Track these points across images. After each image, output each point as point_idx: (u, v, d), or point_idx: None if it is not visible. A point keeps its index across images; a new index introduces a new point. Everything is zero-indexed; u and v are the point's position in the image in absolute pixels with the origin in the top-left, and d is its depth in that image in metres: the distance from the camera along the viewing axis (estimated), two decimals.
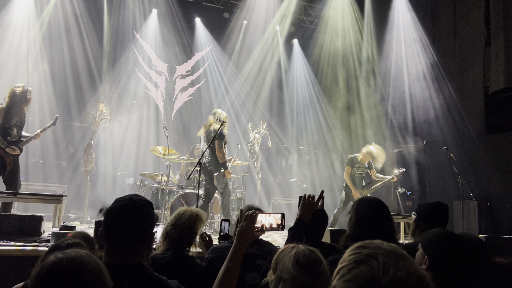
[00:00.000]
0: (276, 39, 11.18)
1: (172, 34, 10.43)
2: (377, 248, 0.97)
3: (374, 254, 0.94)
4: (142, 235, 1.62)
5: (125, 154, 9.25)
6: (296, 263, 1.40)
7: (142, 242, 1.62)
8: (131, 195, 1.71)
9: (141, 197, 1.75)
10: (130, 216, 1.63)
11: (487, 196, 6.90)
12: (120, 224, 1.62)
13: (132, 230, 1.60)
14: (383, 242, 1.01)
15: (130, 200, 1.67)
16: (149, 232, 1.69)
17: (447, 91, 8.05)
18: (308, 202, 2.27)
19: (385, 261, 0.91)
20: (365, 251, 0.97)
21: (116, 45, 9.99)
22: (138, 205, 1.67)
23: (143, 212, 1.67)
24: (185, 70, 10.96)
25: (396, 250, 0.97)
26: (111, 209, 1.67)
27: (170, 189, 6.79)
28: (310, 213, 2.25)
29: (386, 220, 2.13)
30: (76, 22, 9.37)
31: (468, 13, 7.95)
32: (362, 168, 6.75)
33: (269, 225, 1.89)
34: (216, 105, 10.77)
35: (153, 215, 1.73)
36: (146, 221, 1.67)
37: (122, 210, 1.65)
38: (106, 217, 1.67)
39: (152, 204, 1.75)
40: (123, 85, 9.88)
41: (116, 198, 1.73)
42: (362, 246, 0.99)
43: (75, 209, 8.01)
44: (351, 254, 0.98)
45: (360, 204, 2.25)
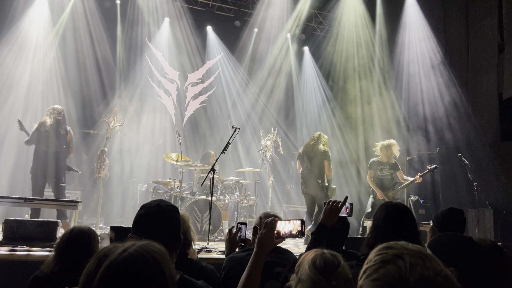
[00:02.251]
0: (287, 47, 11.24)
1: (184, 42, 10.55)
2: (403, 249, 0.98)
3: (400, 254, 0.95)
4: (170, 239, 1.65)
5: (138, 161, 9.33)
6: (313, 265, 1.43)
7: (171, 247, 1.65)
8: (158, 201, 1.76)
9: (167, 202, 1.80)
10: (159, 221, 1.67)
11: (503, 204, 6.80)
12: (148, 230, 1.65)
13: (161, 235, 1.60)
14: (408, 243, 1.02)
15: (158, 206, 1.71)
16: (177, 236, 1.73)
17: (461, 98, 7.99)
18: (331, 207, 2.27)
19: (412, 261, 0.92)
20: (391, 251, 0.98)
21: (129, 54, 10.14)
22: (166, 211, 1.71)
23: (171, 217, 1.71)
24: (197, 78, 11.06)
25: (421, 251, 0.98)
26: (140, 215, 1.72)
27: (183, 195, 6.83)
28: (333, 219, 2.24)
29: (406, 225, 2.12)
30: (91, 31, 9.53)
31: (481, 19, 7.92)
32: (386, 169, 6.67)
33: (289, 232, 1.89)
34: (227, 112, 10.83)
35: (179, 219, 1.78)
36: (174, 225, 1.71)
37: (150, 216, 1.69)
38: (136, 223, 1.71)
39: (177, 209, 1.80)
40: (136, 93, 10.00)
41: (142, 204, 1.77)
42: (387, 247, 1.00)
43: (88, 215, 8.08)
44: (377, 255, 0.99)
45: (378, 210, 2.25)
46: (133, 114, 9.65)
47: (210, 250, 4.79)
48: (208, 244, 5.33)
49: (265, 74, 11.06)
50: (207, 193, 6.63)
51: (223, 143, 6.54)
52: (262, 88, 11.11)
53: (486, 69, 7.66)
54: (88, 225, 7.33)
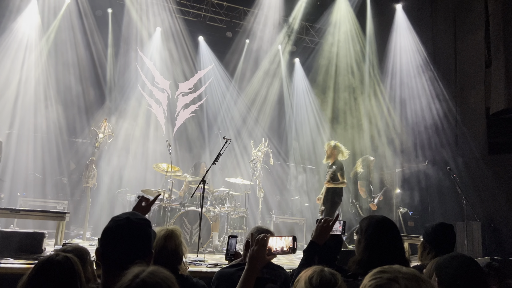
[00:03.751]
0: (278, 58, 11.31)
1: (175, 52, 10.55)
2: (397, 272, 0.98)
3: (395, 278, 0.95)
4: (139, 255, 1.57)
5: (127, 171, 9.23)
6: (309, 282, 1.42)
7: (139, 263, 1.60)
8: (128, 214, 1.69)
9: (139, 215, 1.73)
10: (127, 236, 1.60)
11: (491, 217, 6.88)
12: (116, 245, 1.59)
13: (129, 250, 1.57)
14: (402, 266, 1.03)
15: (127, 219, 1.64)
16: (147, 251, 1.66)
17: (449, 112, 8.11)
18: (323, 225, 2.26)
19: (407, 284, 0.92)
20: (385, 275, 0.98)
21: (120, 63, 10.09)
22: (135, 224, 1.64)
23: (141, 232, 1.65)
24: (188, 88, 11.04)
25: (416, 274, 1.00)
26: (108, 228, 1.64)
27: (172, 206, 6.76)
28: (325, 236, 2.23)
29: (391, 239, 2.12)
30: (81, 38, 9.48)
31: (469, 35, 8.08)
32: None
33: (281, 249, 1.88)
34: (218, 122, 10.81)
35: (150, 233, 1.71)
36: (143, 240, 1.65)
37: (118, 230, 1.62)
38: (103, 237, 1.64)
39: (149, 222, 1.73)
40: (126, 102, 9.93)
41: (112, 216, 1.70)
42: (382, 271, 1.00)
43: (75, 225, 7.95)
44: (371, 279, 1.00)
45: (369, 226, 2.21)
46: (122, 123, 9.57)
47: (199, 263, 4.73)
48: (197, 256, 5.27)
49: (256, 85, 11.10)
50: (197, 204, 6.57)
51: (213, 153, 6.51)
52: (253, 98, 11.13)
53: (473, 84, 7.80)
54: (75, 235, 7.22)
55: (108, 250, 1.59)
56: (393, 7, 9.65)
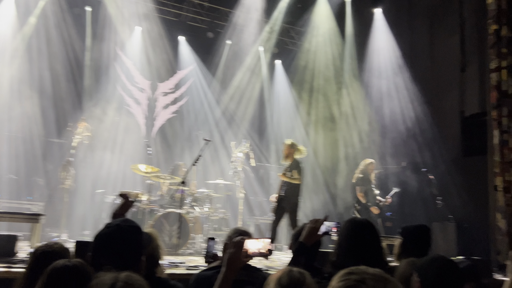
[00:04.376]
0: (259, 60, 11.33)
1: (156, 52, 10.44)
2: (364, 273, 1.01)
3: (362, 279, 0.98)
4: (129, 262, 1.59)
5: (105, 172, 9.08)
6: (279, 283, 1.43)
7: (130, 269, 1.61)
8: (119, 221, 1.72)
9: (130, 222, 1.76)
10: (117, 243, 1.63)
11: (465, 217, 7.06)
12: (107, 251, 1.61)
13: (118, 258, 1.59)
14: (368, 267, 1.06)
15: (117, 226, 1.67)
16: (137, 258, 1.68)
17: (425, 115, 8.29)
18: (314, 226, 2.26)
19: (374, 285, 0.95)
20: (353, 277, 1.01)
21: (98, 62, 9.92)
22: (126, 232, 1.66)
23: (131, 239, 1.67)
24: (168, 88, 10.95)
25: (382, 274, 1.03)
26: (99, 234, 1.67)
27: (151, 208, 6.69)
28: (312, 238, 2.24)
29: (371, 242, 2.13)
30: (58, 37, 9.27)
31: (444, 39, 8.28)
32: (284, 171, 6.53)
33: (258, 251, 1.89)
34: (198, 123, 10.76)
35: (141, 240, 1.73)
36: (133, 247, 1.67)
37: (109, 237, 1.65)
38: (94, 243, 1.66)
39: (140, 229, 1.75)
40: (104, 102, 9.76)
41: (106, 223, 1.73)
42: (349, 273, 1.03)
43: (51, 228, 7.76)
44: (339, 281, 1.02)
45: (345, 228, 2.23)
46: (101, 124, 9.41)
47: (178, 265, 4.70)
48: (176, 258, 5.23)
49: (238, 86, 11.09)
50: (177, 206, 6.52)
51: (194, 154, 6.48)
52: (234, 100, 11.12)
53: (448, 88, 8.00)
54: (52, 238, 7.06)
55: (99, 256, 1.61)
56: (372, 11, 9.80)
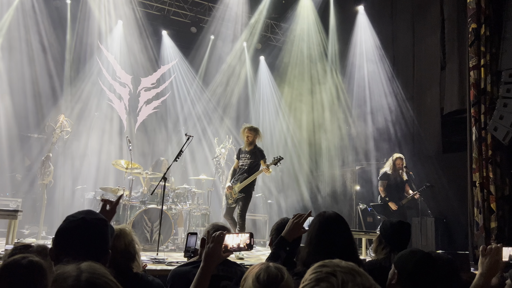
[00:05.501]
0: (243, 56, 11.31)
1: (138, 46, 10.31)
2: (335, 266, 1.05)
3: (333, 272, 1.01)
4: (95, 255, 1.53)
5: (86, 168, 8.94)
6: (257, 280, 1.42)
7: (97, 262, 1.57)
8: (83, 213, 1.65)
9: (95, 214, 1.70)
10: (82, 236, 1.57)
11: (443, 212, 7.20)
12: (71, 245, 1.55)
13: (84, 251, 1.52)
14: (341, 261, 1.09)
15: (82, 219, 1.60)
16: (103, 251, 1.62)
17: (407, 111, 8.41)
18: (297, 221, 2.24)
19: (344, 278, 0.99)
20: (324, 269, 1.05)
21: (79, 55, 9.74)
22: (91, 225, 1.60)
23: (96, 231, 1.61)
24: (150, 83, 10.84)
25: (353, 267, 1.05)
26: (62, 228, 1.60)
27: (132, 204, 6.63)
28: (294, 233, 2.22)
29: (340, 236, 2.10)
30: (37, 30, 9.07)
31: (425, 37, 8.39)
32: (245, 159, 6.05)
33: (237, 246, 1.88)
34: (181, 119, 10.68)
35: (107, 232, 1.67)
36: (99, 240, 1.62)
37: (73, 230, 1.58)
38: (57, 237, 1.59)
39: (106, 221, 1.70)
40: (85, 96, 9.61)
41: (67, 215, 1.65)
42: (322, 265, 1.07)
43: (29, 224, 7.62)
44: (312, 273, 1.05)
45: (313, 222, 2.20)
46: (81, 118, 9.26)
47: (160, 261, 4.67)
48: (157, 254, 5.19)
49: (221, 81, 11.06)
50: (158, 202, 6.47)
51: (176, 150, 6.43)
52: (217, 95, 11.08)
53: (429, 85, 8.11)
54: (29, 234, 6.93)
55: (63, 251, 1.54)
56: (355, 8, 9.87)
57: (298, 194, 10.03)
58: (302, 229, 2.26)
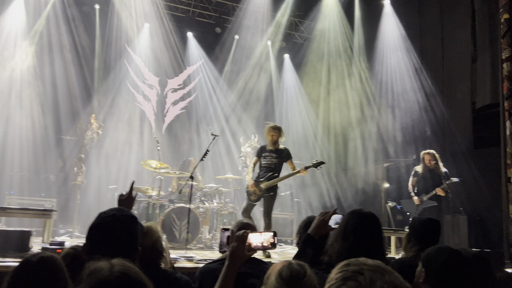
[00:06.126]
0: (267, 54, 11.31)
1: (164, 48, 10.49)
2: (362, 265, 1.02)
3: (360, 270, 0.99)
4: (125, 251, 1.57)
5: (116, 168, 9.19)
6: (280, 276, 1.43)
7: (127, 258, 1.61)
8: (114, 210, 1.71)
9: (125, 211, 1.75)
10: (113, 232, 1.63)
11: (477, 210, 6.97)
12: (102, 241, 1.61)
13: (114, 247, 1.58)
14: (368, 259, 1.06)
15: (113, 216, 1.66)
16: (133, 247, 1.67)
17: (436, 106, 8.19)
18: (323, 219, 2.23)
19: (372, 276, 0.96)
20: (351, 268, 1.02)
21: (108, 59, 10.01)
22: (121, 221, 1.66)
23: (126, 228, 1.66)
24: (177, 84, 11.00)
25: (381, 265, 1.03)
26: (94, 225, 1.66)
27: (161, 203, 6.75)
28: (320, 231, 2.20)
29: (374, 235, 2.09)
30: (68, 35, 9.38)
31: (455, 30, 8.14)
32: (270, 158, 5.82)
33: (261, 244, 1.89)
34: (207, 119, 10.79)
35: (137, 230, 1.72)
36: (129, 237, 1.67)
37: (105, 226, 1.64)
38: (89, 233, 1.66)
39: (136, 219, 1.74)
40: (114, 99, 9.86)
41: (99, 212, 1.71)
42: (347, 264, 1.04)
43: (63, 223, 7.89)
44: (338, 272, 1.03)
45: (347, 218, 2.16)
46: (111, 120, 9.52)
47: (188, 259, 4.75)
48: (186, 252, 5.28)
49: (246, 80, 11.09)
50: (186, 201, 6.57)
51: (202, 150, 6.50)
52: (242, 94, 11.13)
53: (460, 78, 7.87)
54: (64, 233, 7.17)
55: (95, 246, 1.61)
56: (380, 3, 9.69)
57: (325, 192, 9.95)
58: (328, 227, 2.25)
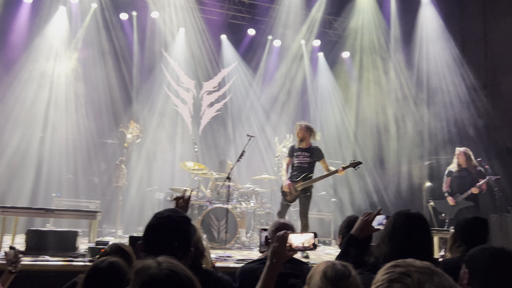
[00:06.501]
0: (301, 53, 11.24)
1: (199, 51, 10.66)
2: (410, 266, 0.99)
3: (408, 272, 0.95)
4: (179, 251, 1.65)
5: (156, 170, 9.44)
6: (324, 276, 1.42)
7: (179, 259, 1.66)
8: (170, 211, 1.78)
9: (180, 212, 1.81)
10: (168, 232, 1.68)
11: None
12: (158, 240, 1.67)
13: (170, 247, 1.64)
14: (415, 260, 1.03)
15: (168, 217, 1.72)
16: (187, 248, 1.72)
17: (479, 101, 7.85)
18: (363, 219, 2.21)
19: (420, 278, 0.92)
20: (398, 269, 0.99)
21: (146, 64, 10.29)
22: (176, 222, 1.72)
23: (181, 229, 1.72)
24: (212, 86, 11.14)
25: (430, 267, 0.99)
26: (150, 224, 1.73)
27: (200, 203, 6.87)
28: (364, 231, 2.18)
29: (423, 236, 2.04)
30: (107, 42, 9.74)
31: (499, 19, 7.78)
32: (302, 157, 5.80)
33: (301, 245, 1.89)
34: (242, 120, 10.86)
35: (190, 231, 1.78)
36: (184, 237, 1.72)
37: (160, 226, 1.70)
38: (146, 232, 1.73)
39: (190, 220, 1.80)
40: (153, 102, 10.14)
41: (155, 213, 1.78)
42: (394, 265, 1.01)
43: (106, 224, 8.20)
44: (384, 274, 1.00)
45: (396, 220, 2.14)
46: (150, 124, 9.79)
47: (227, 259, 4.80)
48: (225, 252, 5.34)
49: (280, 80, 11.08)
50: (224, 201, 6.65)
51: (239, 151, 6.56)
52: (276, 94, 11.12)
53: (505, 72, 7.51)
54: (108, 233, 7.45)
55: (150, 245, 1.67)
56: None
57: (363, 192, 9.77)
58: (372, 228, 2.21)
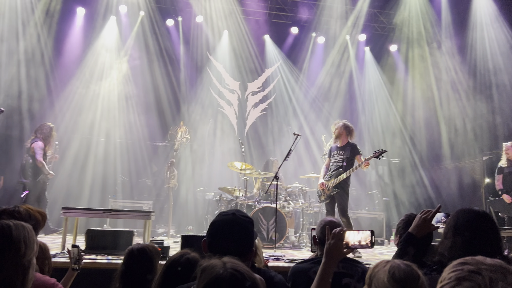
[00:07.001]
0: (347, 49, 11.01)
1: (243, 52, 10.77)
2: (480, 264, 0.92)
3: (477, 270, 0.89)
4: (242, 250, 1.70)
5: (205, 171, 9.66)
6: (392, 277, 1.35)
7: (243, 256, 1.65)
8: (234, 211, 1.83)
9: (243, 213, 1.86)
10: (233, 231, 1.73)
11: None
12: (222, 237, 1.73)
13: (233, 245, 1.69)
14: (486, 258, 0.96)
15: (233, 215, 1.77)
16: (249, 247, 1.76)
17: None
18: (426, 217, 2.11)
19: (492, 276, 0.86)
20: (466, 267, 0.93)
21: (192, 67, 10.56)
22: (240, 221, 1.77)
23: (245, 228, 1.77)
24: (256, 87, 11.21)
25: (502, 265, 0.92)
26: (215, 221, 1.79)
27: (248, 203, 6.93)
28: (422, 229, 2.09)
29: (489, 233, 1.93)
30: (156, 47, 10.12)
31: None
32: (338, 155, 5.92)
33: (358, 243, 1.83)
34: (288, 119, 10.83)
35: (253, 231, 1.83)
36: (247, 236, 1.76)
37: (225, 224, 1.75)
38: (210, 229, 1.78)
39: (252, 221, 1.84)
40: (200, 105, 10.38)
41: (220, 211, 1.86)
42: (462, 263, 0.94)
43: (159, 224, 8.48)
44: (451, 272, 0.94)
45: (459, 217, 2.00)
46: (198, 126, 10.03)
47: (278, 258, 4.80)
48: (275, 252, 5.34)
49: (325, 78, 10.92)
50: (272, 201, 6.66)
51: (285, 150, 6.55)
52: (322, 92, 10.98)
53: None
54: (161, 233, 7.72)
55: (214, 242, 1.73)
56: None
57: (418, 190, 9.41)
58: (431, 226, 2.11)
